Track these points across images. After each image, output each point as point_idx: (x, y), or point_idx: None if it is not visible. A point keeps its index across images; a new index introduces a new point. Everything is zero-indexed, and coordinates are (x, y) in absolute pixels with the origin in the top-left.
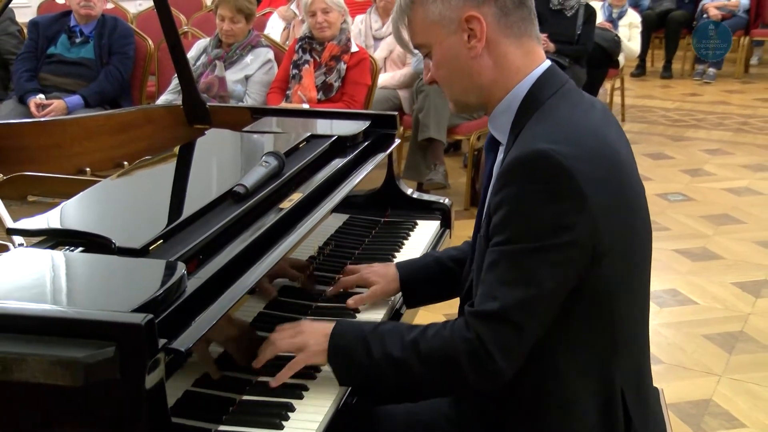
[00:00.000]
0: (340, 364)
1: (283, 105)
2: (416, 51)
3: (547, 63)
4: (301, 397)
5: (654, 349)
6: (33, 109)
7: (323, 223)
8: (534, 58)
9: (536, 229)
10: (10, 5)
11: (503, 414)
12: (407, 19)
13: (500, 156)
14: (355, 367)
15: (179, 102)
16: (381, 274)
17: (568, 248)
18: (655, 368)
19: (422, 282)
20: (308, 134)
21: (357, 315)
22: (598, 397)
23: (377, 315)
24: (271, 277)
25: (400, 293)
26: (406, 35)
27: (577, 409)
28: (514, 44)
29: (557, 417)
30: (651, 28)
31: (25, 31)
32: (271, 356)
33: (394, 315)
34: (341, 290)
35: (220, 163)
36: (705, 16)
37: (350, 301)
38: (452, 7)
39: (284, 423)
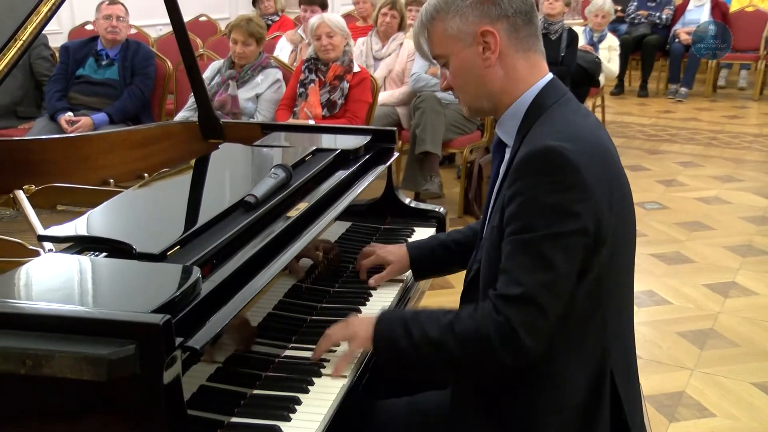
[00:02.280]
0: (384, 348)
1: (291, 121)
2: (434, 61)
3: (550, 75)
4: (307, 392)
5: None
6: (63, 125)
7: (328, 230)
8: (538, 71)
9: (547, 217)
10: (43, 31)
11: (498, 390)
12: (427, 32)
13: (507, 156)
14: (397, 349)
15: (195, 118)
16: (396, 253)
17: (576, 234)
18: None
19: (428, 260)
20: (314, 148)
21: (372, 293)
22: (588, 376)
23: (391, 293)
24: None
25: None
26: (425, 46)
27: (567, 387)
28: (523, 57)
29: (550, 392)
30: (628, 51)
31: (57, 54)
32: (327, 348)
33: (404, 293)
34: (364, 270)
35: (232, 174)
36: (677, 40)
37: (371, 281)
38: (469, 22)
39: (291, 415)
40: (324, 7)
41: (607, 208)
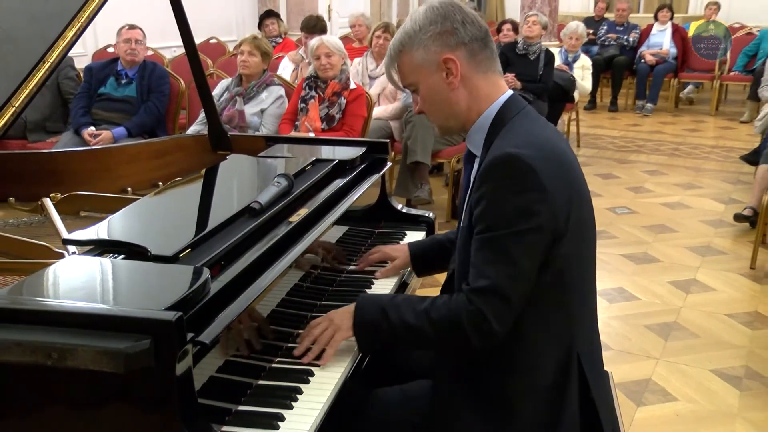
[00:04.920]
0: (365, 333)
1: (293, 134)
2: (405, 90)
3: (510, 92)
4: (308, 382)
5: (604, 338)
6: (86, 138)
7: (326, 234)
8: (498, 88)
9: (510, 216)
10: (69, 54)
11: (476, 375)
12: (396, 64)
13: (476, 166)
14: (376, 333)
15: (205, 132)
16: (399, 251)
17: (536, 232)
18: (605, 354)
19: (425, 257)
20: (313, 158)
21: (376, 282)
22: (557, 359)
23: (390, 282)
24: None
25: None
26: (396, 77)
27: (539, 368)
28: (483, 78)
29: (523, 375)
30: (600, 70)
31: (82, 75)
32: (309, 344)
33: (402, 284)
34: (367, 263)
35: (239, 183)
36: (643, 61)
37: (378, 274)
38: (432, 52)
39: (294, 404)
40: (323, 32)
41: (565, 207)
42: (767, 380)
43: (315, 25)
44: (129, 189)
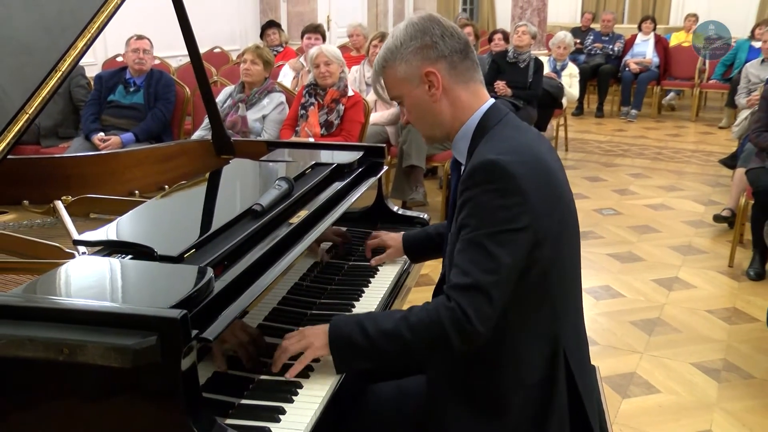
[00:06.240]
0: (341, 349)
1: (293, 139)
2: (392, 102)
3: (492, 100)
4: (308, 377)
5: (591, 334)
6: (96, 143)
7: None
8: (480, 97)
9: (492, 219)
10: (80, 63)
11: (467, 373)
12: (382, 79)
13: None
14: (354, 348)
15: (209, 137)
16: (395, 239)
17: (518, 233)
18: (592, 349)
19: (418, 247)
20: (313, 162)
21: (374, 280)
22: (544, 354)
23: (392, 271)
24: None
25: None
26: (381, 91)
27: (526, 363)
28: (464, 88)
29: (511, 370)
30: (586, 77)
31: (92, 83)
32: (285, 360)
33: (403, 273)
34: (370, 249)
35: (241, 186)
36: (627, 69)
37: (372, 261)
38: (414, 66)
39: (294, 398)
40: (323, 35)
41: (546, 210)
42: (744, 372)
43: (316, 28)
44: (136, 192)
